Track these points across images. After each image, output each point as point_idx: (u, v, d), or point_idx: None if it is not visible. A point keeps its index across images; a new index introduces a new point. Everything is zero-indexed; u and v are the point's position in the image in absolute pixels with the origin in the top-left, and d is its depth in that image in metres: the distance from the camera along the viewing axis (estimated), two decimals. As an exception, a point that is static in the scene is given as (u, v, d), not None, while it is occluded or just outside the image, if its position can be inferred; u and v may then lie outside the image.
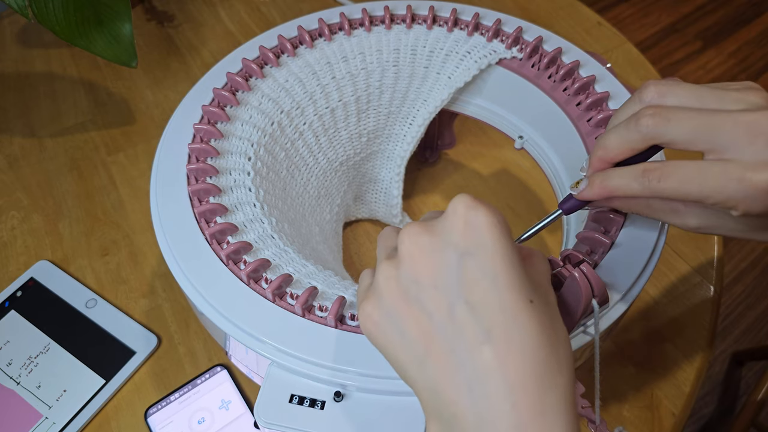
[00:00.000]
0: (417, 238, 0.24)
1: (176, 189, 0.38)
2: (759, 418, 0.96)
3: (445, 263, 0.23)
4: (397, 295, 0.24)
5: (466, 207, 0.23)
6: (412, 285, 0.23)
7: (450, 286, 0.23)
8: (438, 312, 0.23)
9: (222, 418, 0.45)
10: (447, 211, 0.24)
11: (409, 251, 0.24)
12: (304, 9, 0.79)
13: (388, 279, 0.24)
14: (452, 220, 0.23)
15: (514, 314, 0.22)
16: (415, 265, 0.23)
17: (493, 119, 0.49)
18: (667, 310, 0.51)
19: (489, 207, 0.23)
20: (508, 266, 0.22)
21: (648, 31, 1.84)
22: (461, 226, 0.23)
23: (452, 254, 0.23)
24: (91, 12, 0.56)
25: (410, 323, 0.23)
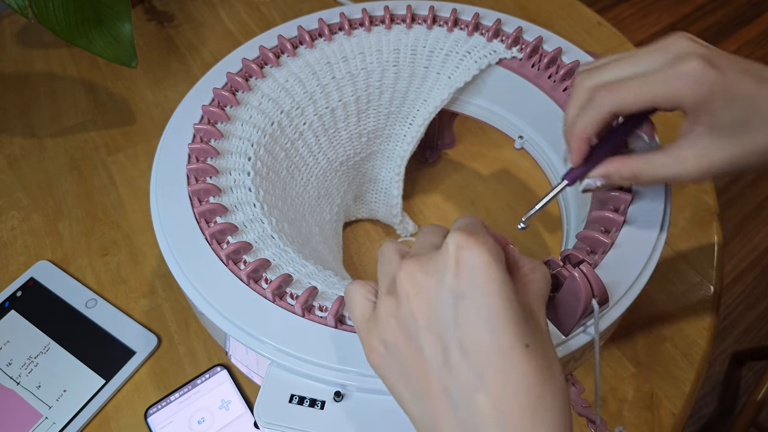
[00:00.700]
0: (413, 277, 0.24)
1: (176, 189, 0.38)
2: (759, 418, 0.96)
3: (440, 305, 0.23)
4: (398, 333, 0.24)
5: (458, 246, 0.23)
6: (411, 324, 0.24)
7: (445, 328, 0.23)
8: (434, 354, 0.23)
9: (222, 418, 0.45)
10: (441, 248, 0.24)
11: (406, 290, 0.24)
12: (304, 9, 0.79)
13: (389, 316, 0.24)
14: (445, 260, 0.23)
15: (508, 358, 0.22)
16: (412, 305, 0.24)
17: (493, 119, 0.49)
18: (667, 310, 0.51)
19: (482, 244, 0.23)
20: (502, 308, 0.22)
21: (648, 31, 1.84)
22: (453, 266, 0.23)
23: (447, 296, 0.23)
24: (91, 12, 0.56)
25: (410, 361, 0.24)
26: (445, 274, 0.23)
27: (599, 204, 0.36)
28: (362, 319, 0.27)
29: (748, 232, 1.39)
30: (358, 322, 0.27)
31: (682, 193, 0.60)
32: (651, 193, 0.36)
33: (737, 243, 1.37)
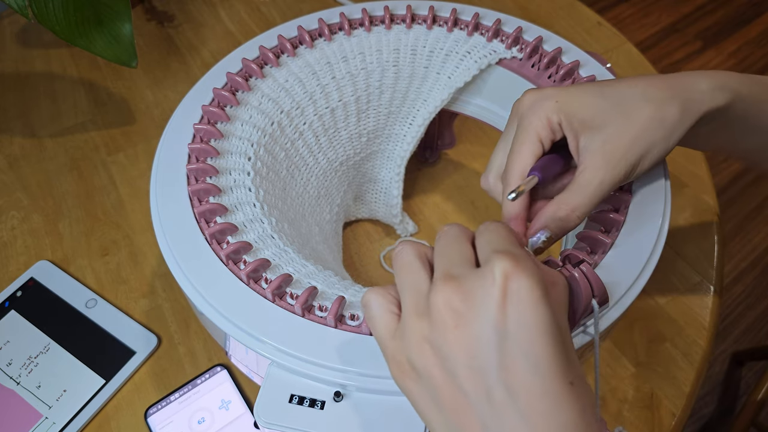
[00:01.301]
0: (452, 305, 0.22)
1: (176, 189, 0.38)
2: (759, 418, 0.96)
3: (483, 342, 0.21)
4: (433, 363, 0.23)
5: (506, 276, 0.21)
6: (449, 358, 0.22)
7: (488, 368, 0.21)
8: (475, 393, 0.21)
9: (222, 418, 0.45)
10: (484, 274, 0.22)
11: (443, 319, 0.22)
12: (304, 9, 0.79)
13: (422, 342, 0.23)
14: (490, 290, 0.21)
15: (555, 400, 0.21)
16: (450, 338, 0.22)
17: (493, 119, 0.49)
18: (667, 310, 0.51)
19: (531, 275, 0.21)
20: (549, 349, 0.21)
21: (648, 31, 1.84)
22: (500, 299, 0.21)
23: (490, 332, 0.21)
24: (91, 12, 0.56)
25: (445, 393, 0.22)
26: (490, 308, 0.21)
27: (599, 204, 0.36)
28: (387, 335, 0.25)
29: (748, 232, 1.39)
30: (382, 338, 0.25)
31: (682, 193, 0.60)
32: (651, 194, 0.36)
33: (737, 243, 1.37)
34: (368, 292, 0.26)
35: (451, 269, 0.23)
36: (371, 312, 0.26)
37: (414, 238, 0.57)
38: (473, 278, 0.22)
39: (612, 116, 0.31)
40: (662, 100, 0.31)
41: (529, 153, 0.32)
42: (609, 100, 0.31)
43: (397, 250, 0.26)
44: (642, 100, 0.31)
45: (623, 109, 0.31)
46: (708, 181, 0.60)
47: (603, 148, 0.31)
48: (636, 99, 0.31)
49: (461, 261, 0.24)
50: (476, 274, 0.22)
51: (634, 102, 0.31)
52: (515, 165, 0.32)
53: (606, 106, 0.31)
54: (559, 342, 0.21)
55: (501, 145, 0.34)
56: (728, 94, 0.32)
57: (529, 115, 0.32)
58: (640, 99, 0.31)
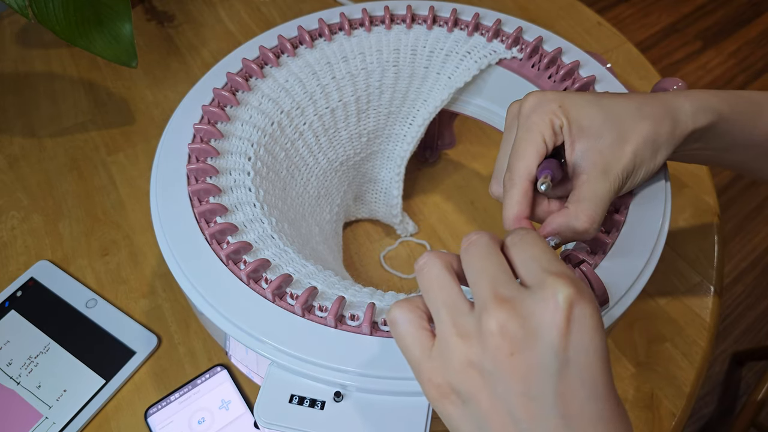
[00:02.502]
0: (506, 327, 0.21)
1: (176, 189, 0.38)
2: (759, 418, 0.96)
3: (541, 370, 0.21)
4: (481, 389, 0.22)
5: (570, 302, 0.21)
6: (500, 384, 0.21)
7: (544, 396, 0.21)
8: (528, 420, 0.21)
9: (222, 418, 0.45)
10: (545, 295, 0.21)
11: (497, 343, 0.21)
12: (304, 9, 0.79)
13: (467, 366, 0.22)
14: (553, 315, 0.21)
15: (609, 422, 0.21)
16: (505, 363, 0.21)
17: (493, 119, 0.49)
18: (667, 310, 0.51)
19: (592, 302, 0.21)
20: (606, 372, 0.21)
21: (648, 31, 1.84)
22: (563, 325, 0.20)
23: (550, 359, 0.21)
24: (91, 12, 0.56)
25: (494, 420, 0.22)
26: (552, 335, 0.21)
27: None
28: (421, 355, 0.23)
29: (748, 232, 1.39)
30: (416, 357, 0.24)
31: (682, 193, 0.60)
32: (651, 194, 0.36)
33: (737, 243, 1.37)
34: (395, 308, 0.25)
35: (499, 288, 0.22)
36: (400, 329, 0.24)
37: (414, 238, 0.57)
38: (531, 302, 0.21)
39: (608, 128, 0.31)
40: (657, 118, 0.32)
41: (534, 152, 0.32)
42: (606, 112, 0.32)
43: (422, 263, 0.25)
44: (638, 117, 0.32)
45: (620, 123, 0.31)
46: (708, 181, 0.60)
47: (601, 159, 0.31)
48: (632, 114, 0.32)
49: (507, 278, 0.23)
50: (534, 298, 0.21)
51: (631, 117, 0.32)
52: (520, 164, 0.32)
53: (603, 118, 0.32)
54: (610, 366, 0.22)
55: (504, 150, 0.34)
56: (710, 115, 0.33)
57: (533, 116, 0.32)
58: (636, 115, 0.32)
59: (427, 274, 0.24)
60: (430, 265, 0.24)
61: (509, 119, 0.34)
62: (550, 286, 0.21)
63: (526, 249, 0.24)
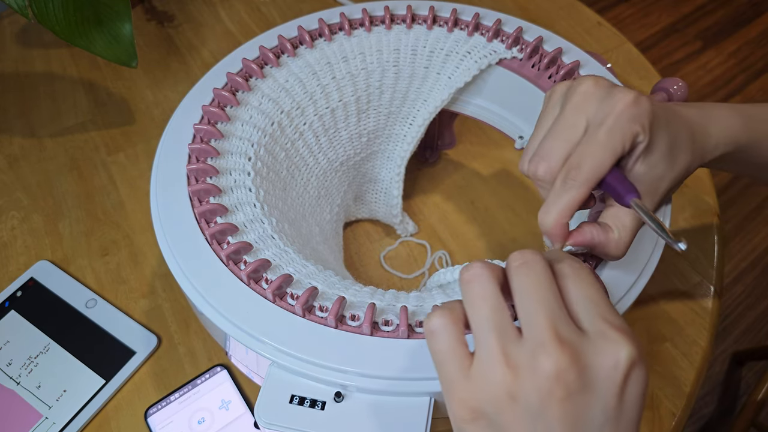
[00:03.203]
0: (564, 374, 0.21)
1: (176, 189, 0.38)
2: (759, 418, 0.96)
3: (589, 420, 0.21)
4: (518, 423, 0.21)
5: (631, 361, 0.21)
6: (541, 423, 0.21)
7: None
8: None
9: (222, 418, 0.45)
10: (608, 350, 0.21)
11: (550, 387, 0.21)
12: (304, 9, 0.79)
13: (510, 398, 0.21)
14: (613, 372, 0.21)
15: None
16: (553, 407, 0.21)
17: (493, 119, 0.49)
18: (667, 310, 0.51)
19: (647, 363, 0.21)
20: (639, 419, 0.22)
21: (648, 31, 1.84)
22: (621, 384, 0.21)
23: (599, 413, 0.21)
24: (91, 12, 0.56)
25: None
26: (608, 391, 0.21)
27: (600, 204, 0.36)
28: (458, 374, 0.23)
29: (748, 232, 1.39)
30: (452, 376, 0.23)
31: (682, 193, 0.60)
32: (651, 194, 0.36)
33: (737, 243, 1.38)
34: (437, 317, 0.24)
35: (560, 329, 0.22)
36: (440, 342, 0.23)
37: (414, 238, 0.57)
38: (593, 353, 0.21)
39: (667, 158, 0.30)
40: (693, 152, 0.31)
41: (610, 161, 0.28)
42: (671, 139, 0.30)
43: (471, 274, 0.23)
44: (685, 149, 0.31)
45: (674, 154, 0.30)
46: (708, 181, 0.60)
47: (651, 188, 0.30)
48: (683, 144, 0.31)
49: (565, 318, 0.22)
50: (596, 350, 0.21)
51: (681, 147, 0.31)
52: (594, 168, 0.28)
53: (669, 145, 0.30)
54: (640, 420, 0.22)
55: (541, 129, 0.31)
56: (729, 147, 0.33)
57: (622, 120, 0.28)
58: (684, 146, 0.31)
59: (477, 289, 0.23)
60: (481, 281, 0.23)
61: (555, 98, 0.31)
62: (613, 341, 0.21)
63: (582, 287, 0.23)
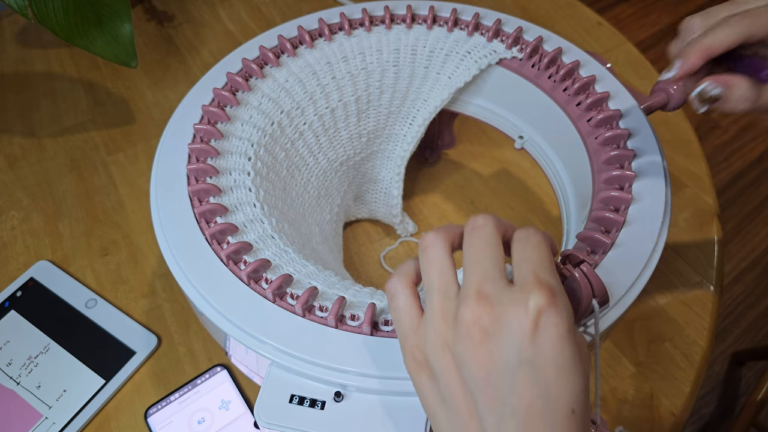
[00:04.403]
0: (480, 321, 0.23)
1: (176, 189, 0.38)
2: (759, 418, 0.96)
3: (502, 363, 0.22)
4: (451, 371, 0.24)
5: (540, 309, 0.22)
6: (465, 366, 0.23)
7: (500, 386, 0.22)
8: (484, 403, 0.23)
9: (222, 418, 0.45)
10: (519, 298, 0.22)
11: (469, 333, 0.23)
12: (304, 9, 0.79)
13: (444, 347, 0.24)
14: (522, 319, 0.22)
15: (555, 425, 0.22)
16: (472, 350, 0.23)
17: (493, 119, 0.49)
18: (667, 310, 0.51)
19: (564, 312, 0.22)
20: (563, 382, 0.22)
21: (648, 31, 1.84)
22: (529, 331, 0.22)
23: (511, 356, 0.22)
24: (91, 12, 0.56)
25: (457, 396, 0.24)
26: (518, 336, 0.22)
27: (599, 204, 0.36)
28: (409, 329, 0.26)
29: (748, 232, 1.39)
30: (404, 331, 0.26)
31: (682, 193, 0.60)
32: (651, 194, 0.36)
33: (737, 243, 1.37)
34: (395, 280, 0.27)
35: (484, 285, 0.23)
36: (397, 303, 0.26)
37: (414, 238, 0.57)
38: (506, 302, 0.23)
39: None
40: None
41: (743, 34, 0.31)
42: None
43: (427, 243, 0.26)
44: None
45: None
46: (708, 181, 0.60)
47: None
48: None
49: (495, 275, 0.24)
50: (510, 298, 0.23)
51: None
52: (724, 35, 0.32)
53: None
54: (573, 373, 0.22)
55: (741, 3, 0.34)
56: None
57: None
58: None
59: (429, 255, 0.26)
60: (434, 248, 0.26)
61: None
62: (527, 291, 0.23)
63: (527, 249, 0.25)
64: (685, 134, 0.64)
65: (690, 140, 0.64)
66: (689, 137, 0.64)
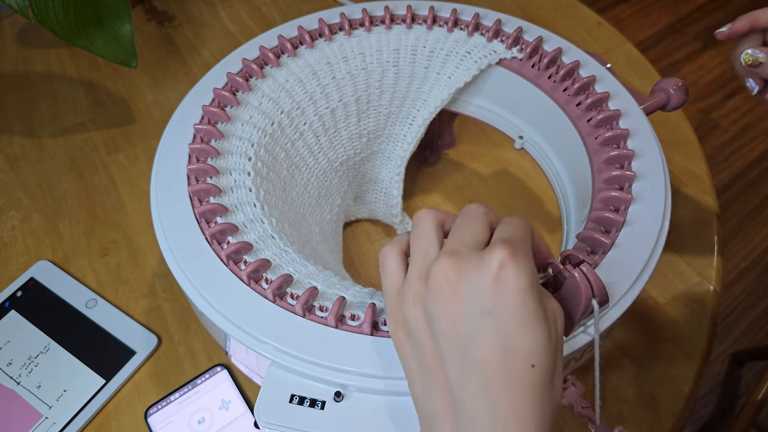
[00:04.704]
0: (449, 278, 0.24)
1: (176, 189, 0.38)
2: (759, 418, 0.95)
3: (466, 314, 0.24)
4: (422, 324, 0.25)
5: (501, 263, 0.23)
6: (436, 322, 0.24)
7: (465, 338, 0.24)
8: (449, 356, 0.24)
9: (222, 418, 0.45)
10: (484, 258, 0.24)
11: (439, 287, 0.24)
12: (305, 9, 0.79)
13: (417, 302, 0.25)
14: (484, 274, 0.23)
15: (513, 379, 0.23)
16: (440, 305, 0.24)
17: (493, 119, 0.49)
18: (667, 310, 0.51)
19: (524, 267, 0.23)
20: (523, 334, 0.23)
21: (648, 31, 1.84)
22: (490, 283, 0.23)
23: (475, 308, 0.23)
24: (91, 12, 0.56)
25: (426, 350, 0.25)
26: (480, 288, 0.23)
27: (599, 204, 0.36)
28: (393, 290, 0.27)
29: (748, 232, 1.39)
30: (389, 291, 0.28)
31: (682, 193, 0.60)
32: (651, 194, 0.36)
33: (737, 243, 1.37)
34: (387, 247, 0.29)
35: (458, 247, 0.25)
36: (386, 266, 0.28)
37: (414, 238, 0.57)
38: (473, 259, 0.24)
39: None
40: None
41: None
42: None
43: (419, 216, 0.28)
44: None
45: None
46: (708, 181, 0.60)
47: None
48: None
49: (471, 241, 0.26)
50: (477, 256, 0.24)
51: None
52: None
53: None
54: (534, 326, 0.23)
55: None
56: None
57: None
58: None
59: (418, 227, 0.28)
60: (424, 220, 0.28)
61: None
62: (492, 249, 0.24)
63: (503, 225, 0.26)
64: (685, 134, 0.64)
65: (690, 140, 0.64)
66: (689, 137, 0.64)
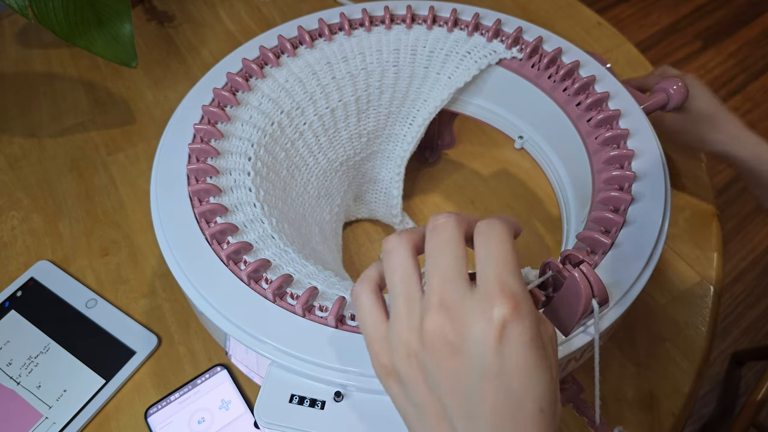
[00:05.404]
0: (443, 332, 0.22)
1: (176, 189, 0.38)
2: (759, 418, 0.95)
3: (469, 375, 0.22)
4: (417, 377, 0.24)
5: (504, 321, 0.22)
6: (434, 378, 0.23)
7: (470, 396, 0.22)
8: (456, 413, 0.23)
9: (222, 418, 0.45)
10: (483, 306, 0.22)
11: (434, 345, 0.23)
12: (304, 9, 0.79)
13: (410, 355, 0.24)
14: (486, 329, 0.22)
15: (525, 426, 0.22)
16: (439, 363, 0.23)
17: (493, 119, 0.49)
18: (667, 310, 0.51)
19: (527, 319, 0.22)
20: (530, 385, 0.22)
21: (648, 31, 1.84)
22: (495, 341, 0.22)
23: (478, 367, 0.22)
24: (91, 12, 0.56)
25: (426, 404, 0.24)
26: (482, 348, 0.22)
27: (599, 204, 0.36)
28: (375, 335, 0.25)
29: (748, 232, 1.39)
30: (370, 337, 0.26)
31: (682, 193, 0.60)
32: (651, 194, 0.36)
33: (737, 243, 1.37)
34: (359, 286, 0.27)
35: (445, 291, 0.23)
36: (362, 310, 0.26)
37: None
38: (469, 310, 0.22)
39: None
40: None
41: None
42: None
43: (389, 246, 0.25)
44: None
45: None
46: (708, 181, 0.60)
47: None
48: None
49: (456, 279, 0.23)
50: (473, 308, 0.22)
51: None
52: None
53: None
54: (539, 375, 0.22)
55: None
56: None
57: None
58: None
59: (393, 259, 0.25)
60: (397, 252, 0.25)
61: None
62: (491, 299, 0.22)
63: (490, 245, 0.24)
64: (685, 134, 0.64)
65: (690, 140, 0.64)
66: (689, 137, 0.64)
